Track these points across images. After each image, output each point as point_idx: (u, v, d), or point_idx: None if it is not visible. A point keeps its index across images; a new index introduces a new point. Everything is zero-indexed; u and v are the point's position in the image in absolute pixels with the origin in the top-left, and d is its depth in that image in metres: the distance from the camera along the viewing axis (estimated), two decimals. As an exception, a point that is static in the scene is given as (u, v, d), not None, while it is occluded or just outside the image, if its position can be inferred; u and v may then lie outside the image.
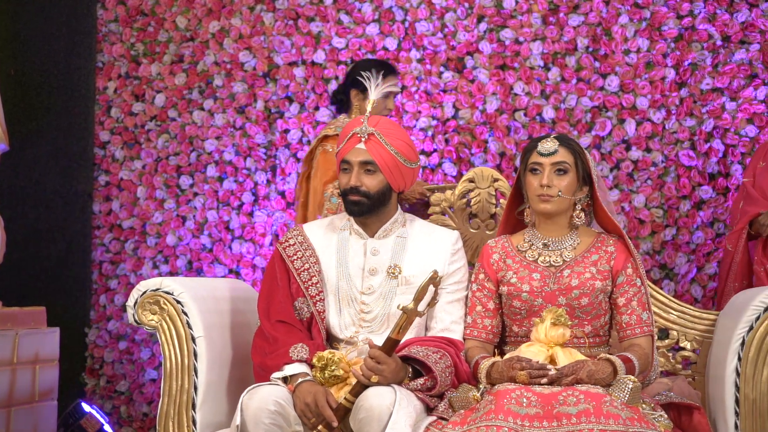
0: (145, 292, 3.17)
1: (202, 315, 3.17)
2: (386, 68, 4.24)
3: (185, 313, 3.14)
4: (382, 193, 3.20)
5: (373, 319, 3.18)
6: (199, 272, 5.04)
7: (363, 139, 3.18)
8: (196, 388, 3.11)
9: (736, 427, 2.98)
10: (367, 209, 3.20)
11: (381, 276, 3.21)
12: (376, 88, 3.28)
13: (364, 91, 4.13)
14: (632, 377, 2.87)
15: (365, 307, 3.19)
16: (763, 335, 3.00)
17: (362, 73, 3.56)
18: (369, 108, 3.24)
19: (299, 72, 5.00)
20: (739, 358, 3.01)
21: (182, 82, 5.13)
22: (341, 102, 4.30)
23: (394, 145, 3.19)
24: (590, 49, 4.77)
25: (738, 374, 3.00)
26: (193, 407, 3.11)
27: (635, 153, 4.70)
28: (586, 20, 4.77)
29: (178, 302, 3.15)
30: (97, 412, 4.91)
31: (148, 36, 5.19)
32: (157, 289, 3.17)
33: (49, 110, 5.16)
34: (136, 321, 3.18)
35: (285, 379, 3.02)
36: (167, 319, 3.15)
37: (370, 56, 4.92)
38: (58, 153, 5.16)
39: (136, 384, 5.10)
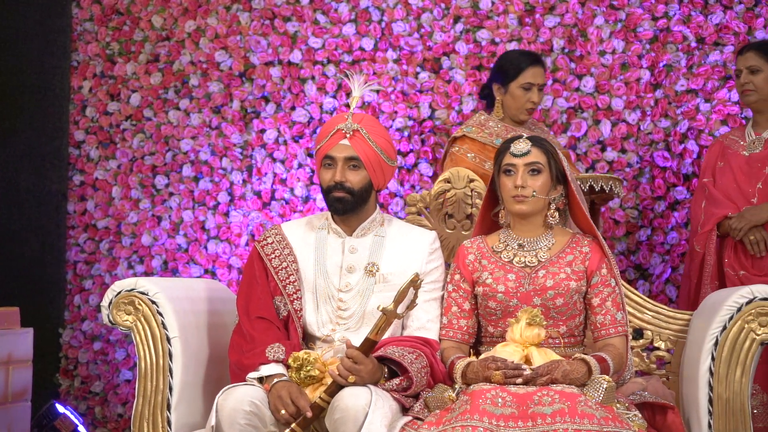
0: (119, 293, 3.16)
1: (177, 315, 3.16)
2: (532, 58, 4.09)
3: (160, 314, 3.14)
4: (365, 190, 3.22)
5: (350, 316, 3.18)
6: (175, 272, 5.03)
7: (348, 135, 3.19)
8: (171, 389, 3.11)
9: (710, 426, 3.00)
10: (351, 206, 3.21)
11: (359, 274, 3.22)
12: (359, 87, 3.29)
13: (505, 84, 4.04)
14: (607, 377, 2.88)
15: (342, 305, 3.19)
16: (736, 335, 3.02)
17: (346, 72, 3.54)
18: (353, 105, 3.26)
19: (275, 72, 5.00)
20: (713, 358, 3.03)
21: (158, 82, 5.11)
22: (488, 97, 4.14)
23: (378, 142, 3.21)
24: (566, 50, 4.79)
25: (711, 374, 3.02)
26: (168, 408, 3.10)
27: (610, 154, 4.72)
28: (561, 21, 4.78)
29: (153, 302, 3.14)
30: (72, 413, 4.88)
31: (123, 35, 5.17)
32: (132, 290, 3.16)
33: (23, 109, 5.12)
34: (110, 321, 3.17)
35: (261, 379, 3.02)
36: (142, 319, 3.14)
37: (347, 56, 4.92)
38: (32, 152, 5.13)
39: (111, 385, 5.08)
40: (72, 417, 4.86)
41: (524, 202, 3.13)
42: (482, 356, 3.04)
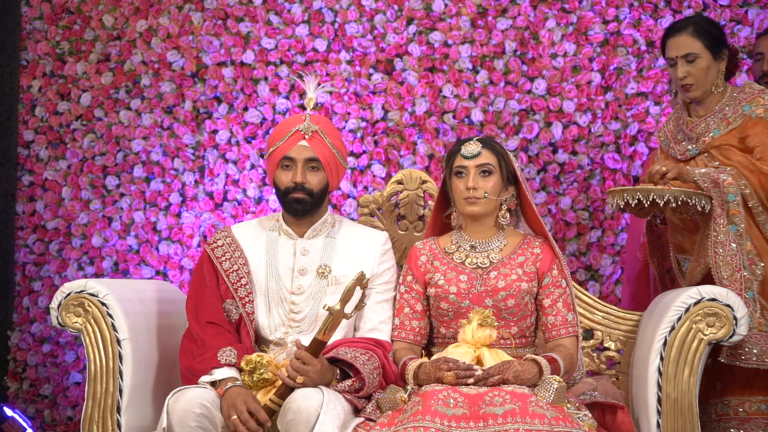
0: (69, 294, 3.13)
1: (128, 317, 3.13)
2: (672, 28, 3.61)
3: (110, 315, 3.11)
4: (323, 192, 3.22)
5: (303, 319, 3.18)
6: (126, 274, 4.98)
7: (307, 137, 3.19)
8: (121, 392, 3.09)
9: (658, 425, 3.03)
10: (310, 207, 3.21)
11: (311, 276, 3.21)
12: (314, 88, 3.29)
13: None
14: (557, 377, 2.91)
15: (295, 307, 3.19)
16: (685, 335, 3.06)
17: (300, 73, 3.51)
18: (309, 107, 3.25)
19: (228, 72, 4.97)
20: (662, 358, 3.06)
21: (109, 82, 5.06)
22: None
23: (334, 143, 3.22)
24: (518, 53, 4.81)
25: (660, 374, 3.05)
26: (118, 410, 3.08)
27: (562, 156, 4.76)
28: (514, 24, 4.81)
29: (103, 304, 3.12)
30: (20, 417, 4.82)
31: (73, 34, 5.11)
32: (82, 291, 3.13)
33: (-30, 109, 5.06)
34: (60, 323, 3.14)
35: (213, 383, 3.01)
36: (92, 321, 3.12)
37: (300, 57, 4.91)
38: (-20, 152, 5.07)
39: (60, 387, 5.02)
40: (21, 420, 4.80)
41: (476, 203, 3.14)
42: (434, 357, 3.05)
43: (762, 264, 3.34)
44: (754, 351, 3.28)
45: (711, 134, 3.53)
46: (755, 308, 3.29)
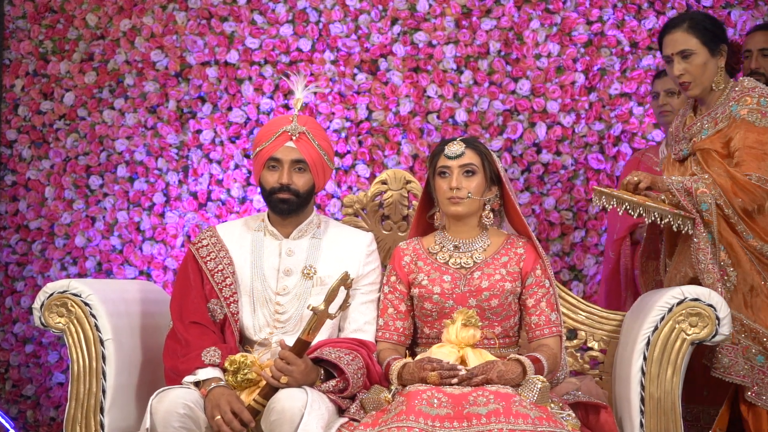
0: (51, 294, 3.12)
1: (111, 317, 3.12)
2: (667, 25, 3.47)
3: (93, 316, 3.10)
4: (309, 193, 3.22)
5: (288, 319, 3.17)
6: (109, 274, 4.97)
7: (294, 138, 3.18)
8: (104, 392, 3.07)
9: (642, 425, 3.04)
10: (296, 208, 3.20)
11: (296, 277, 3.21)
12: (301, 89, 3.28)
13: None
14: (541, 377, 2.92)
15: (280, 308, 3.18)
16: (668, 335, 3.07)
17: (287, 73, 3.48)
18: (297, 107, 3.24)
19: (212, 72, 4.97)
20: (645, 358, 3.07)
21: (92, 81, 5.05)
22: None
23: (321, 144, 3.21)
24: (502, 53, 4.83)
25: (643, 373, 3.06)
26: (101, 411, 3.07)
27: (546, 156, 4.77)
28: (498, 24, 4.82)
29: (86, 304, 3.11)
30: (3, 417, 4.80)
31: (57, 33, 5.10)
32: (65, 291, 3.12)
33: (-47, 108, 5.04)
34: (42, 324, 3.13)
35: (197, 383, 3.00)
36: (75, 321, 3.11)
37: (284, 57, 4.90)
38: (-37, 152, 5.04)
39: (43, 388, 5.01)
40: (2, 421, 4.78)
41: (459, 203, 3.14)
42: (418, 357, 3.05)
43: (735, 273, 3.34)
44: (724, 361, 3.29)
45: (701, 135, 3.44)
46: None
